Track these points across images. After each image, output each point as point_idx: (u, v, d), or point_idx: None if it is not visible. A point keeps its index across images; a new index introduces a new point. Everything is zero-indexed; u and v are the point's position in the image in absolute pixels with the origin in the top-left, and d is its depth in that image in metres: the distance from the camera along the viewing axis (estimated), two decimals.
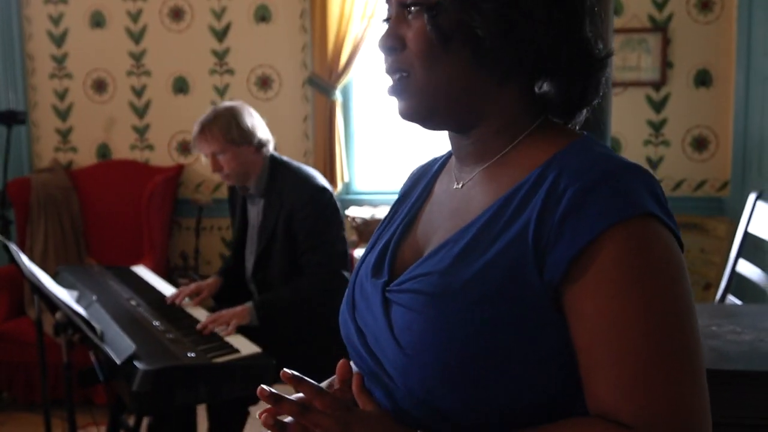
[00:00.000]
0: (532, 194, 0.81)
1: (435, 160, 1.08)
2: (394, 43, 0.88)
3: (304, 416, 0.83)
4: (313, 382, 0.86)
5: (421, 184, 1.04)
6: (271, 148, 2.59)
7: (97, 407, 3.22)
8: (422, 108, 0.89)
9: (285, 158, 2.62)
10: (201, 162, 2.62)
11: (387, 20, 0.92)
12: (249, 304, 2.39)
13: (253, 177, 2.55)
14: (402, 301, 0.86)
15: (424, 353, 0.81)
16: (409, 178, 1.10)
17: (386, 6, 0.93)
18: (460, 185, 0.93)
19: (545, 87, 0.88)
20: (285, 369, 0.83)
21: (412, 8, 0.86)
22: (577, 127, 0.93)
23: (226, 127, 2.46)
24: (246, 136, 2.48)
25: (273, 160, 2.58)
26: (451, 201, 0.94)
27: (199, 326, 2.29)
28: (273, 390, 0.83)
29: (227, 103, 2.58)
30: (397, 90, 0.90)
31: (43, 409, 2.59)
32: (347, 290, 1.01)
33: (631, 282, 0.74)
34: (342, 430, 0.82)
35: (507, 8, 0.81)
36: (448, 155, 1.04)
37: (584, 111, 0.91)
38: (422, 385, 0.82)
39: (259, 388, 0.83)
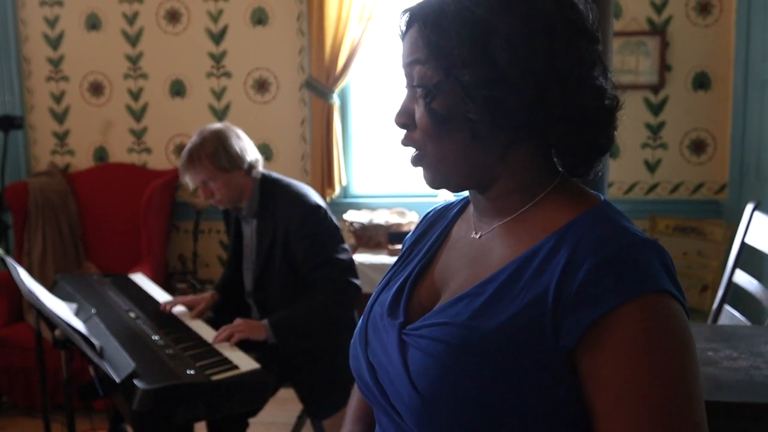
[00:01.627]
0: (550, 259, 0.84)
1: (451, 204, 1.12)
2: (406, 121, 0.94)
3: None
4: None
5: (438, 228, 1.08)
6: (260, 168, 2.56)
7: (96, 413, 3.23)
8: (440, 177, 0.94)
9: (275, 175, 2.59)
10: (188, 186, 2.55)
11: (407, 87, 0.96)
12: (265, 322, 2.38)
13: (245, 199, 2.52)
14: (420, 346, 0.89)
15: (440, 399, 0.84)
16: (424, 220, 1.14)
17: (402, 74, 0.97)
18: (479, 235, 0.97)
19: (559, 146, 0.91)
20: None
21: (421, 89, 0.90)
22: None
23: (213, 154, 2.40)
24: (235, 161, 2.43)
25: (264, 179, 2.54)
26: (469, 249, 0.97)
27: (213, 340, 2.30)
28: None
29: (213, 127, 2.49)
30: (415, 162, 0.96)
31: (42, 415, 2.60)
32: (359, 325, 1.04)
33: (645, 359, 0.77)
34: None
35: (495, 90, 0.84)
36: (465, 201, 1.08)
37: (601, 160, 0.93)
38: (433, 428, 0.85)
39: None
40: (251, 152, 2.51)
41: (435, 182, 0.95)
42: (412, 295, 1.00)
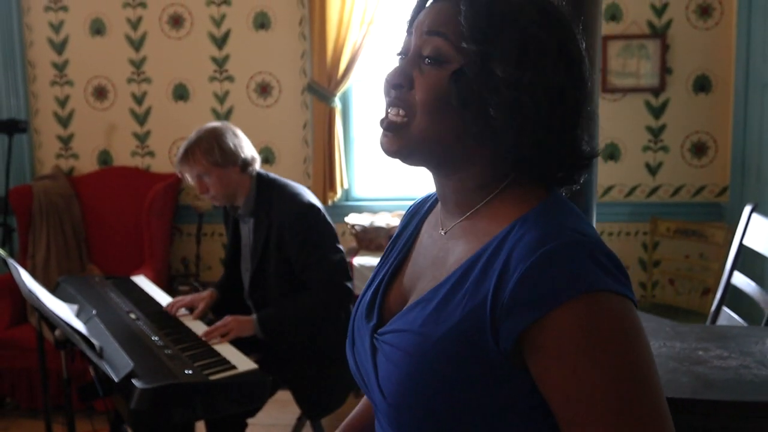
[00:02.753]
0: (491, 263, 0.85)
1: (426, 199, 1.12)
2: (402, 81, 0.91)
3: None
4: None
5: (413, 224, 1.09)
6: (257, 166, 2.59)
7: (97, 414, 3.25)
8: (406, 148, 0.92)
9: (272, 175, 2.62)
10: (188, 182, 2.62)
11: (400, 55, 0.95)
12: (254, 317, 2.42)
13: (241, 197, 2.56)
14: (385, 352, 0.92)
15: (403, 404, 0.87)
16: (405, 215, 1.15)
17: (403, 41, 0.95)
18: (444, 231, 0.97)
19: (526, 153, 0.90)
20: None
21: (433, 61, 0.89)
22: None
23: (208, 150, 2.47)
24: (229, 157, 2.49)
25: (260, 178, 2.58)
26: (434, 248, 0.99)
27: (204, 335, 2.32)
28: None
29: (211, 125, 2.57)
30: (390, 127, 0.92)
31: (44, 416, 2.62)
32: (350, 325, 1.06)
33: (585, 360, 0.77)
34: None
35: (522, 94, 0.84)
36: (435, 197, 1.07)
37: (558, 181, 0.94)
38: (401, 429, 0.89)
39: None
40: (247, 150, 2.55)
41: (397, 151, 0.93)
42: (386, 296, 1.01)
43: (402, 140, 0.91)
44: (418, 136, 0.90)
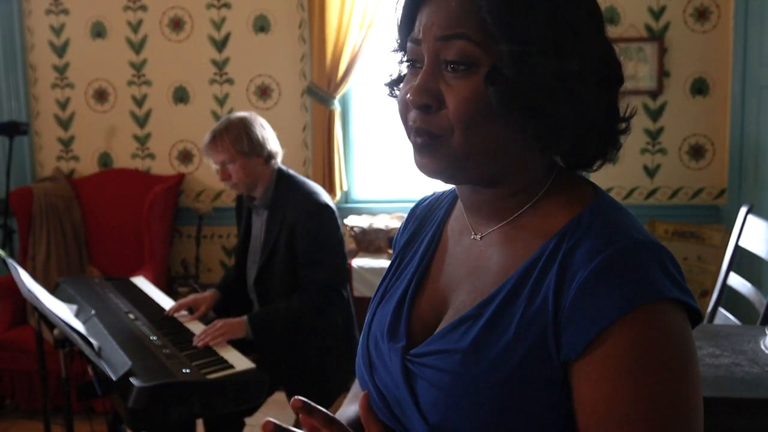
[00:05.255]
0: (548, 269, 0.79)
1: (439, 199, 1.03)
2: (430, 101, 0.80)
3: None
4: (324, 410, 0.82)
5: (429, 228, 0.99)
6: (279, 160, 2.63)
7: (97, 415, 3.26)
8: (451, 169, 0.82)
9: (292, 172, 2.66)
10: (209, 169, 2.66)
11: (411, 63, 0.85)
12: (244, 318, 2.43)
13: (260, 188, 2.59)
14: (426, 377, 0.83)
15: (449, 428, 0.80)
16: (413, 217, 1.05)
17: (412, 48, 0.84)
18: (479, 236, 0.89)
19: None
20: (296, 397, 0.80)
21: (459, 67, 0.79)
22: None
23: (236, 138, 2.50)
24: (256, 147, 2.52)
25: (280, 173, 2.61)
26: (468, 255, 0.90)
27: (196, 341, 2.32)
28: (278, 423, 0.81)
29: (240, 114, 2.61)
30: (425, 150, 0.82)
31: (43, 417, 2.63)
32: (361, 345, 0.96)
33: (636, 375, 0.73)
34: None
35: (572, 83, 0.78)
36: (454, 196, 0.99)
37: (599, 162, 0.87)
38: None
39: (264, 421, 0.82)
40: (272, 142, 2.59)
41: (440, 172, 0.83)
42: (411, 311, 0.91)
43: (443, 159, 0.81)
44: (460, 151, 0.80)
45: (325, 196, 2.60)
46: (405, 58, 0.87)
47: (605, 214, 0.81)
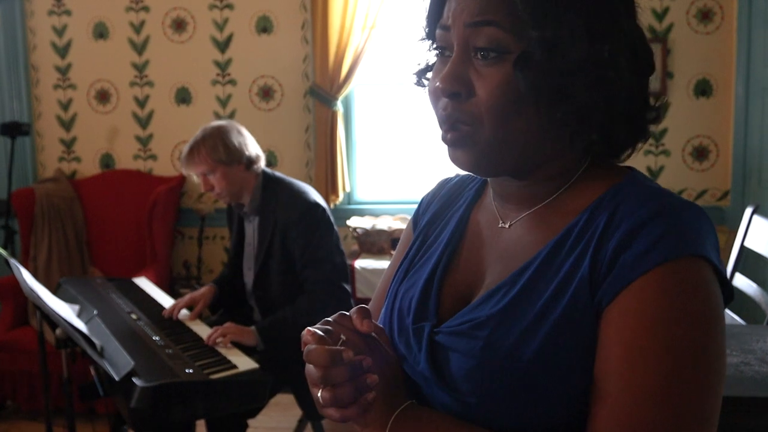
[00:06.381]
0: (586, 230, 0.79)
1: (464, 183, 1.02)
2: (460, 89, 0.80)
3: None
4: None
5: (454, 213, 0.99)
6: (262, 164, 2.61)
7: (98, 417, 3.25)
8: (485, 161, 0.82)
9: (278, 174, 2.64)
10: (194, 180, 2.64)
11: (440, 51, 0.84)
12: (253, 329, 2.41)
13: (246, 195, 2.57)
14: (458, 347, 0.83)
15: (487, 402, 0.79)
16: (437, 197, 1.04)
17: (441, 35, 0.83)
18: (508, 225, 0.89)
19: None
20: (308, 327, 0.81)
21: (489, 54, 0.78)
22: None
23: (212, 147, 2.49)
24: (234, 154, 2.50)
25: (266, 176, 2.59)
26: (498, 240, 0.90)
27: (207, 339, 2.31)
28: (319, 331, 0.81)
29: (216, 123, 2.60)
30: (459, 144, 0.82)
31: (45, 419, 2.62)
32: (383, 318, 0.96)
33: (663, 322, 0.72)
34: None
35: (605, 69, 0.77)
36: (480, 184, 0.99)
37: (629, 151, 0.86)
38: (480, 421, 0.81)
39: (306, 331, 0.81)
40: (252, 148, 2.57)
41: (474, 165, 0.83)
42: (440, 295, 0.91)
43: (477, 152, 0.81)
44: (492, 140, 0.79)
45: (314, 194, 2.58)
46: (433, 46, 0.86)
47: (645, 182, 0.82)
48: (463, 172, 0.97)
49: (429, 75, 0.90)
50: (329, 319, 0.84)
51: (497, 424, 0.79)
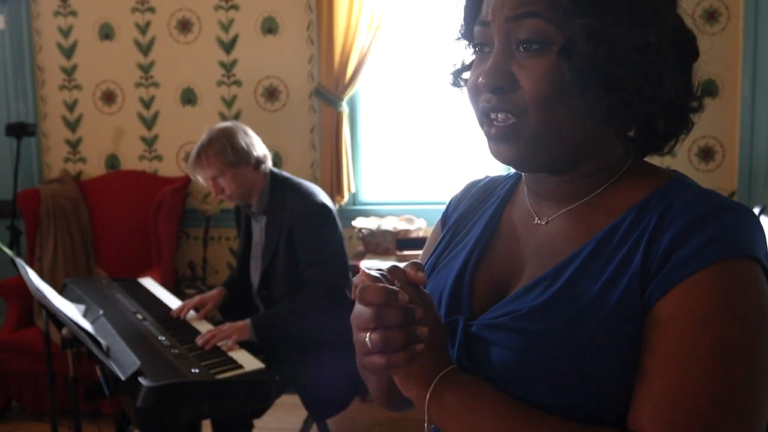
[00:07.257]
0: (635, 228, 0.79)
1: (495, 183, 1.02)
2: (503, 83, 0.80)
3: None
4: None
5: (486, 209, 0.98)
6: (269, 164, 2.61)
7: (104, 417, 3.25)
8: (530, 155, 0.82)
9: (286, 174, 2.64)
10: (201, 184, 2.63)
11: (479, 48, 0.84)
12: (248, 321, 2.41)
13: (255, 195, 2.57)
14: (497, 340, 0.82)
15: (528, 391, 0.79)
16: (467, 197, 1.04)
17: (480, 31, 0.83)
18: (544, 221, 0.89)
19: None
20: (363, 269, 0.79)
21: (532, 46, 0.78)
22: None
23: (221, 150, 2.48)
24: (242, 156, 2.50)
25: (274, 176, 2.59)
26: (533, 236, 0.89)
27: (199, 341, 2.31)
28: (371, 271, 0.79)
29: (221, 125, 2.59)
30: (502, 138, 0.81)
31: (50, 419, 2.62)
32: None
33: (714, 321, 0.72)
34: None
35: (650, 55, 0.76)
36: (514, 179, 0.99)
37: (672, 143, 0.87)
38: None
39: (361, 272, 0.79)
40: (259, 148, 2.56)
41: (520, 160, 0.82)
42: (473, 289, 0.90)
43: (521, 145, 0.81)
44: (537, 132, 0.79)
45: (322, 195, 2.58)
46: (471, 44, 0.86)
47: (693, 185, 0.82)
48: (492, 173, 0.98)
49: (465, 75, 0.90)
50: (382, 268, 0.81)
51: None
